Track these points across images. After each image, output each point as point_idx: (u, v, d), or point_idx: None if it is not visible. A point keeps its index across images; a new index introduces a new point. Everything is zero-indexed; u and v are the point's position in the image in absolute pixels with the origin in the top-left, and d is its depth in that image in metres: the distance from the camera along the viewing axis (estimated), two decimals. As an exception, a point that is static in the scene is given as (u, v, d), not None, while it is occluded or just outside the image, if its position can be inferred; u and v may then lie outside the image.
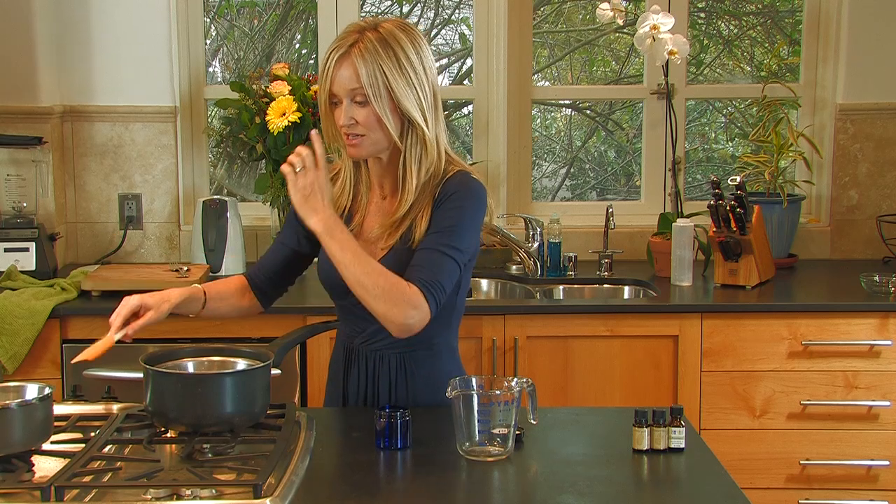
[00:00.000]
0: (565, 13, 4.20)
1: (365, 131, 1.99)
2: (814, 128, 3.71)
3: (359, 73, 1.95)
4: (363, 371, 2.12)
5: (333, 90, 2.00)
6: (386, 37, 1.98)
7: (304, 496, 1.64)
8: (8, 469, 1.67)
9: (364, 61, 1.95)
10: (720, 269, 3.20)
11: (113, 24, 3.49)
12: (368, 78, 1.95)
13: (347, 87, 1.97)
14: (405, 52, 1.98)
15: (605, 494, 1.69)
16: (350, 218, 2.11)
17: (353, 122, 1.99)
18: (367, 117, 1.98)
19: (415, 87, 1.99)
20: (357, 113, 1.98)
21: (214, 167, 3.91)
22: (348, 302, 2.05)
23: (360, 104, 1.98)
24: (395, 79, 1.97)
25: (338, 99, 2.00)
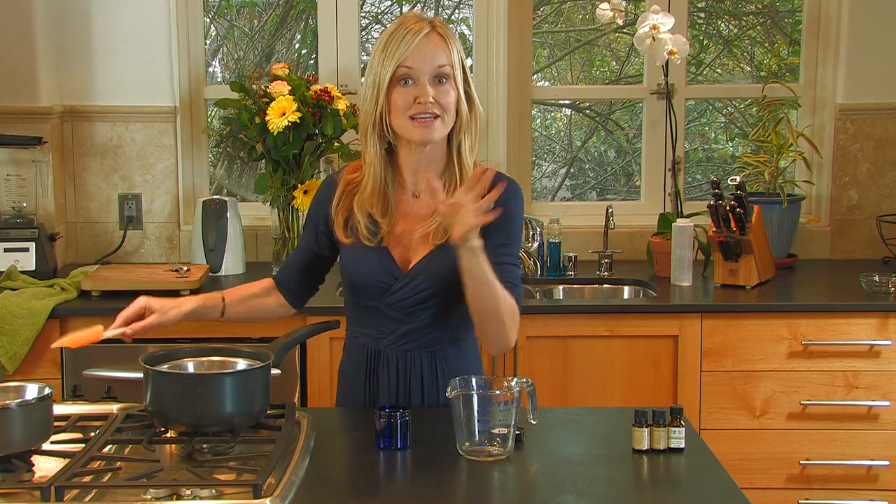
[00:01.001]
0: (565, 13, 4.20)
1: (441, 112, 2.00)
2: (814, 128, 3.71)
3: (449, 51, 2.00)
4: (393, 372, 2.11)
5: (412, 65, 1.98)
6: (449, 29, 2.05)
7: (304, 496, 1.64)
8: (8, 469, 1.67)
9: (452, 42, 2.01)
10: (720, 269, 3.20)
11: (113, 24, 3.50)
12: (455, 57, 2.01)
13: (435, 64, 1.99)
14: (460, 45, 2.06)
15: (605, 494, 1.69)
16: (376, 222, 2.08)
17: (433, 100, 1.98)
18: (446, 97, 2.00)
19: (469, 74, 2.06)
20: (439, 92, 1.99)
21: (214, 167, 3.91)
22: (381, 303, 2.07)
23: (442, 83, 2.00)
24: (466, 66, 2.04)
25: (413, 76, 1.99)
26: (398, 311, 2.07)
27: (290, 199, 3.34)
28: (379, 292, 2.06)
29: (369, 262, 2.07)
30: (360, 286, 2.10)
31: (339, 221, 2.11)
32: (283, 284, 2.22)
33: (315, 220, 2.18)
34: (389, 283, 2.06)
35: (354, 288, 2.12)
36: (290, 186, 3.33)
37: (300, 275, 2.22)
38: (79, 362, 2.95)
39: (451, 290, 2.02)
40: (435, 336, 2.10)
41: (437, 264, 2.03)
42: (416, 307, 2.06)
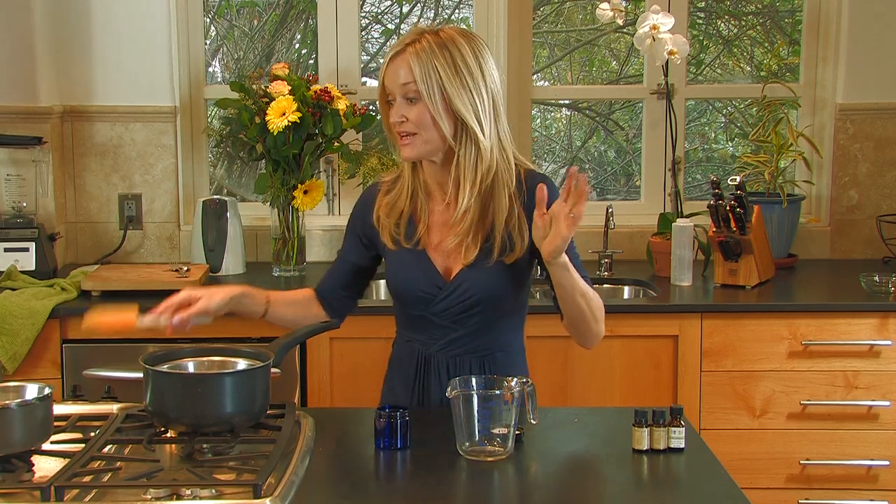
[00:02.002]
0: (565, 13, 4.20)
1: (416, 129, 2.00)
2: (814, 128, 3.71)
3: (412, 69, 1.98)
4: (445, 377, 2.12)
5: (386, 85, 2.02)
6: (445, 40, 2.00)
7: (304, 496, 1.64)
8: (8, 469, 1.67)
9: (419, 59, 1.98)
10: (720, 269, 3.20)
11: (113, 24, 3.49)
12: (422, 75, 1.97)
13: (400, 83, 1.99)
14: (462, 55, 2.00)
15: (605, 494, 1.69)
16: (412, 226, 2.11)
17: (404, 119, 2.00)
18: (419, 115, 1.99)
19: (469, 91, 2.00)
20: (409, 111, 2.00)
21: (214, 167, 3.91)
22: (427, 312, 2.09)
23: (413, 102, 2.00)
24: (448, 79, 1.98)
25: (392, 96, 2.02)
26: (445, 320, 2.09)
27: (290, 199, 3.34)
28: (424, 303, 2.09)
29: (413, 271, 2.10)
30: (405, 297, 2.12)
31: (383, 225, 2.13)
32: (325, 297, 2.22)
33: (357, 228, 2.20)
34: (434, 294, 2.09)
35: (400, 298, 2.14)
36: (290, 186, 3.33)
37: (341, 287, 2.23)
38: (79, 362, 2.95)
39: (495, 298, 2.07)
40: (483, 342, 2.12)
41: (478, 272, 2.05)
42: (463, 315, 2.08)
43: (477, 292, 2.06)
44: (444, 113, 1.99)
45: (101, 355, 2.94)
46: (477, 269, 2.06)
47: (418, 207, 2.12)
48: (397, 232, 2.11)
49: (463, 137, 2.02)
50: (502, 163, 2.07)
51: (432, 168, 2.09)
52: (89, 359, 2.95)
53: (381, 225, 2.13)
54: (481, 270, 2.06)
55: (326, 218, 3.69)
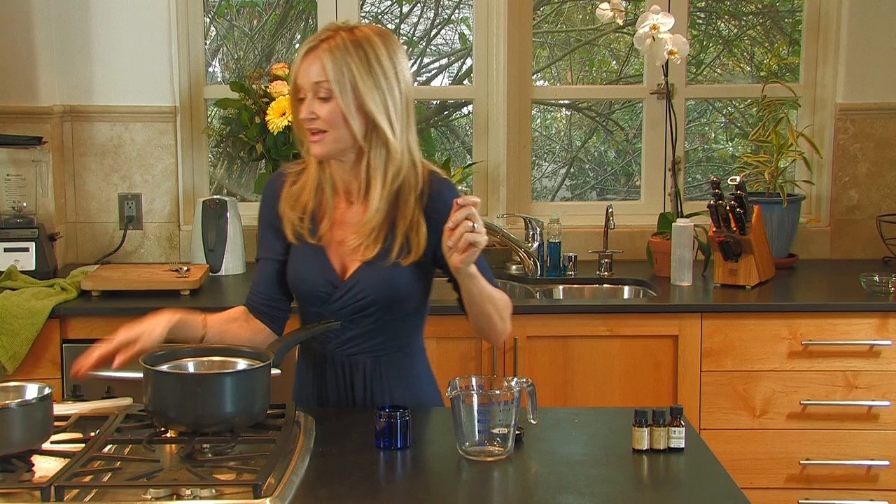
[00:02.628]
0: (565, 13, 4.20)
1: (327, 127, 1.98)
2: (814, 128, 3.71)
3: (325, 66, 1.95)
4: (339, 375, 2.13)
5: (298, 82, 1.99)
6: (360, 38, 1.98)
7: (304, 496, 1.64)
8: (8, 469, 1.67)
9: (332, 56, 1.95)
10: (720, 269, 3.20)
11: (113, 24, 3.49)
12: (335, 73, 1.95)
13: (312, 80, 1.97)
14: (377, 54, 1.98)
15: (605, 494, 1.69)
16: (315, 222, 2.09)
17: (315, 116, 1.98)
18: (330, 113, 1.97)
19: (383, 91, 1.98)
20: (320, 108, 1.97)
21: (214, 167, 3.91)
22: (324, 310, 2.07)
23: (324, 100, 1.97)
24: (362, 78, 1.96)
25: (303, 93, 2.00)
26: (340, 318, 2.07)
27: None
28: (320, 301, 2.07)
29: (310, 268, 2.08)
30: (302, 294, 2.11)
31: (287, 217, 2.09)
32: (257, 308, 2.14)
33: (269, 222, 2.13)
34: (329, 292, 2.07)
35: (298, 294, 2.13)
36: (290, 186, 3.33)
37: (273, 292, 2.14)
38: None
39: (391, 299, 2.05)
40: (378, 342, 2.10)
41: (374, 272, 2.03)
42: (358, 314, 2.06)
43: (372, 292, 2.04)
44: (356, 112, 1.97)
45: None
46: (373, 269, 2.04)
47: (323, 203, 2.09)
48: (300, 226, 2.08)
49: (373, 138, 2.00)
50: (411, 166, 2.05)
51: (340, 167, 2.06)
52: (89, 359, 2.94)
53: (284, 217, 2.10)
54: (378, 270, 2.03)
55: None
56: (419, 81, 4.10)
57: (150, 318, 1.96)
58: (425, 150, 4.06)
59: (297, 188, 2.11)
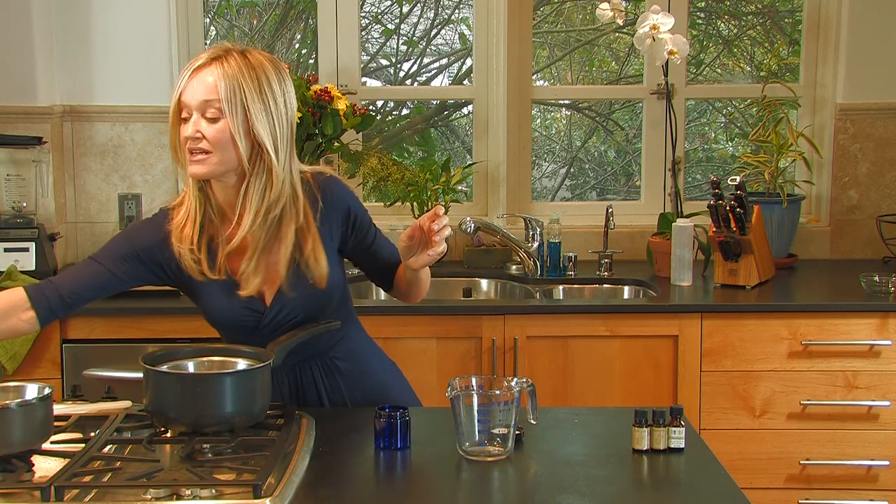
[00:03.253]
0: (565, 13, 4.20)
1: (211, 148, 1.92)
2: (814, 128, 3.71)
3: (217, 85, 1.91)
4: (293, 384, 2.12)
5: (184, 99, 1.93)
6: (252, 62, 1.95)
7: (304, 496, 1.64)
8: (8, 469, 1.67)
9: (225, 75, 1.92)
10: (720, 269, 3.20)
11: (113, 24, 3.49)
12: (227, 92, 1.91)
13: (201, 98, 1.92)
14: (268, 80, 1.95)
15: (605, 494, 1.69)
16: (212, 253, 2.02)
17: (200, 136, 1.92)
18: (217, 134, 1.91)
19: (272, 115, 1.95)
20: (206, 128, 1.92)
21: (214, 167, 3.90)
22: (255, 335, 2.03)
23: (211, 120, 1.92)
24: (253, 100, 1.92)
25: (187, 112, 1.94)
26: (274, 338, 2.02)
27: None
28: (248, 330, 2.04)
29: (228, 302, 2.02)
30: (228, 328, 2.08)
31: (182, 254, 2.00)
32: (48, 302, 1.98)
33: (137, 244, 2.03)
34: (256, 321, 2.04)
35: (223, 329, 2.10)
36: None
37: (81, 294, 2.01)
38: (79, 362, 2.95)
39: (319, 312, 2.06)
40: (318, 348, 2.11)
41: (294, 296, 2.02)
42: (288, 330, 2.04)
43: (299, 313, 2.04)
44: (244, 135, 1.92)
45: (101, 355, 2.95)
46: (291, 292, 2.01)
47: (213, 232, 2.02)
48: (196, 261, 2.00)
49: (257, 163, 1.95)
50: (291, 196, 2.00)
51: (223, 188, 2.00)
52: (89, 359, 2.95)
53: (181, 255, 2.01)
54: (296, 294, 2.02)
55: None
56: (419, 81, 4.10)
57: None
58: (425, 150, 4.06)
59: (178, 220, 2.02)
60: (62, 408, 1.96)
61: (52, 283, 2.01)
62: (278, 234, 2.00)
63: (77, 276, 2.02)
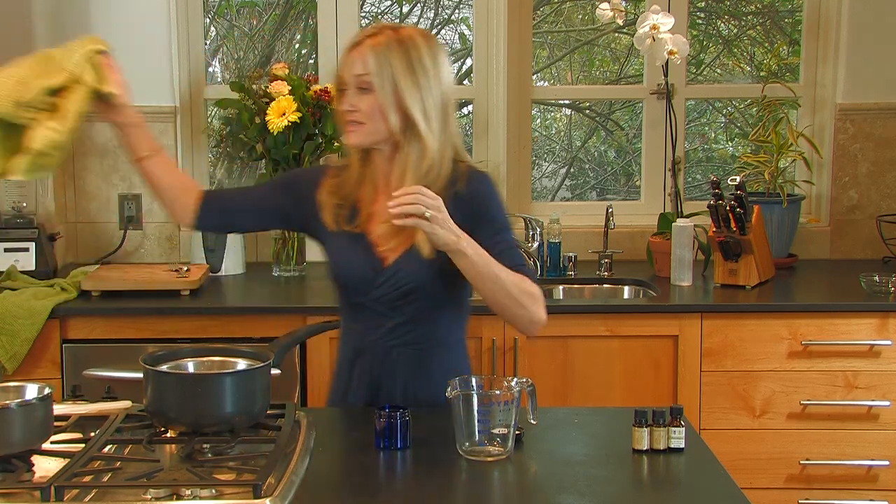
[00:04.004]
0: (565, 13, 4.20)
1: (364, 119, 2.04)
2: (814, 128, 3.71)
3: (367, 61, 2.02)
4: (376, 367, 2.14)
5: (340, 74, 2.08)
6: (403, 38, 2.05)
7: (304, 496, 1.64)
8: (8, 469, 1.67)
9: (375, 52, 2.03)
10: (720, 269, 3.20)
11: (113, 24, 3.49)
12: (376, 67, 2.02)
13: (353, 73, 2.04)
14: (419, 54, 2.04)
15: (605, 494, 1.69)
16: (355, 212, 2.14)
17: (354, 108, 2.05)
18: (368, 106, 2.03)
19: (421, 88, 2.04)
20: (359, 101, 2.04)
21: (214, 167, 3.91)
22: (366, 299, 2.10)
23: (364, 92, 2.04)
24: (402, 75, 2.02)
25: (344, 85, 2.07)
26: (383, 307, 2.10)
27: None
28: (363, 287, 2.10)
29: (352, 255, 2.12)
30: (345, 281, 2.14)
31: (325, 204, 2.14)
32: (206, 200, 2.18)
33: (291, 183, 2.22)
34: (372, 278, 2.10)
35: (340, 282, 2.16)
36: (290, 186, 3.33)
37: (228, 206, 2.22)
38: (79, 362, 2.95)
39: (431, 286, 2.07)
40: (420, 332, 2.12)
41: (413, 261, 2.06)
42: (399, 302, 2.09)
43: (412, 280, 2.07)
44: (394, 107, 2.03)
45: (101, 355, 2.95)
46: (412, 258, 2.07)
47: (363, 196, 2.15)
48: (339, 213, 2.13)
49: (409, 133, 2.05)
50: (444, 164, 2.07)
51: (381, 159, 2.12)
52: (89, 359, 2.95)
53: (323, 205, 2.15)
54: (416, 259, 2.06)
55: (326, 218, 3.68)
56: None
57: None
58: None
59: (339, 181, 2.17)
60: (62, 408, 1.96)
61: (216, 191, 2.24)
62: None
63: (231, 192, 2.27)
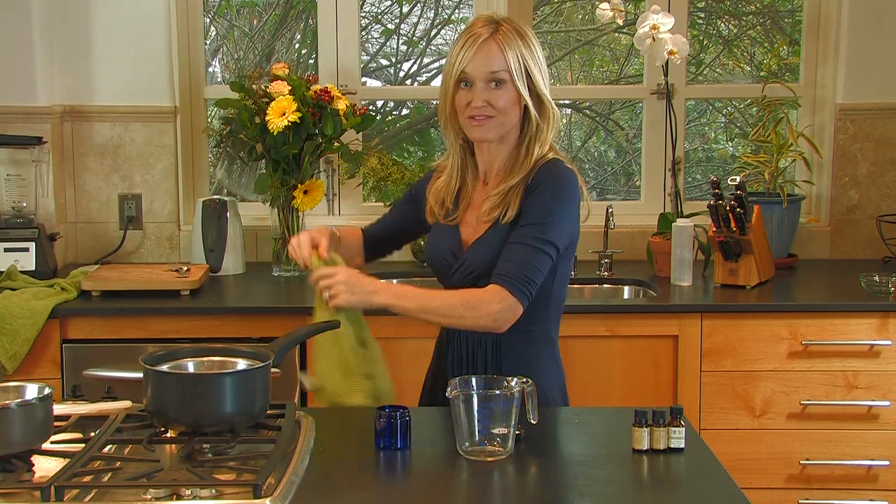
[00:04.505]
0: (565, 13, 4.20)
1: (495, 113, 2.12)
2: (814, 128, 3.71)
3: (506, 55, 2.11)
4: (463, 352, 2.21)
5: (468, 71, 2.12)
6: (518, 29, 2.16)
7: (304, 496, 1.64)
8: (8, 469, 1.67)
9: (510, 46, 2.12)
10: (720, 269, 3.20)
11: (113, 24, 3.49)
12: (515, 60, 2.11)
13: (488, 70, 2.11)
14: (535, 43, 2.17)
15: (605, 494, 1.69)
16: (456, 206, 2.24)
17: (487, 104, 2.11)
18: (505, 100, 2.12)
19: (543, 74, 2.17)
20: (492, 95, 2.12)
21: (214, 167, 3.91)
22: (450, 283, 2.19)
23: (498, 86, 2.12)
24: (534, 63, 2.14)
25: (470, 80, 2.13)
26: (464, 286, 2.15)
27: (290, 199, 3.34)
28: (444, 271, 2.21)
29: (439, 241, 2.25)
30: (433, 265, 2.27)
31: (429, 203, 2.28)
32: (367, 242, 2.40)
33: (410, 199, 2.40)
34: (451, 263, 2.20)
35: (431, 266, 2.28)
36: (289, 186, 3.33)
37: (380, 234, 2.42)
38: (79, 362, 2.95)
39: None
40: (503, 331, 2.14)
41: (485, 244, 2.14)
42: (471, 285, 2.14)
43: (478, 265, 2.14)
44: (530, 96, 2.14)
45: (101, 355, 2.94)
46: (484, 242, 2.15)
47: (464, 188, 2.25)
48: (440, 213, 2.25)
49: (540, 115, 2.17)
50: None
51: (490, 149, 2.20)
52: (89, 359, 2.95)
53: (427, 205, 2.29)
54: (486, 243, 2.14)
55: (326, 218, 3.68)
56: (419, 81, 4.10)
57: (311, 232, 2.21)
58: (425, 150, 4.06)
59: (441, 182, 2.27)
60: (62, 408, 1.96)
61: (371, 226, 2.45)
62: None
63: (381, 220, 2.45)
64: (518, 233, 2.10)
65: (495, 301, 2.06)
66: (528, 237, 2.08)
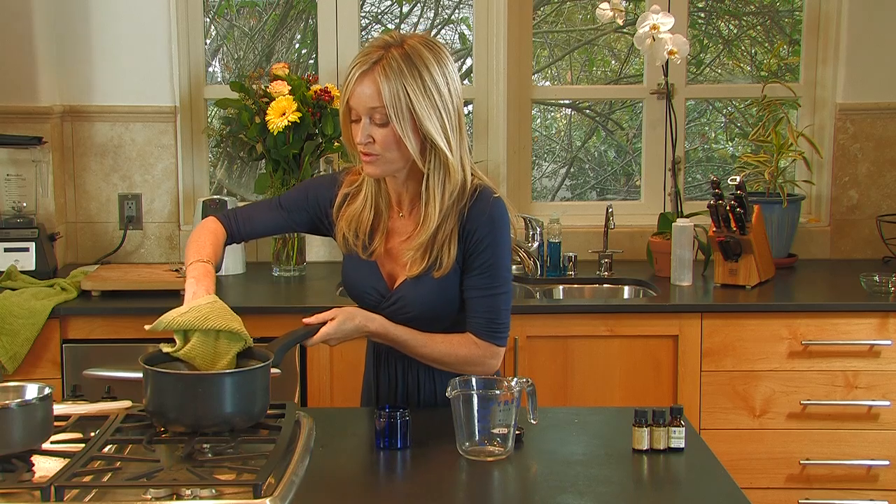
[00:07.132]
0: (565, 13, 4.20)
1: (381, 151, 1.96)
2: (814, 128, 3.71)
3: (381, 91, 1.92)
4: (393, 374, 2.17)
5: (352, 105, 1.97)
6: (411, 54, 1.93)
7: (304, 496, 1.64)
8: (8, 469, 1.67)
9: (387, 80, 1.91)
10: (720, 268, 3.20)
11: (113, 24, 3.49)
12: (391, 97, 1.91)
13: (367, 105, 1.94)
14: (430, 71, 1.94)
15: (605, 494, 1.69)
16: (372, 236, 2.11)
17: (371, 140, 1.96)
18: (385, 137, 1.95)
19: (438, 109, 1.95)
20: (375, 132, 1.95)
21: (214, 167, 3.91)
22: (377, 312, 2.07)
23: (379, 124, 1.95)
24: (418, 100, 1.92)
25: (356, 115, 1.97)
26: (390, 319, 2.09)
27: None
28: (371, 306, 2.11)
29: (361, 275, 2.13)
30: (355, 298, 2.17)
31: (340, 228, 2.13)
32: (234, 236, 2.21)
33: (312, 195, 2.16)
34: (378, 301, 2.11)
35: (352, 298, 2.18)
36: (289, 186, 3.33)
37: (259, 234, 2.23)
38: (79, 362, 2.95)
39: (433, 312, 2.07)
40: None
41: (418, 287, 2.05)
42: (404, 324, 2.08)
43: (414, 308, 2.06)
44: (413, 135, 1.95)
45: (101, 355, 2.94)
46: (417, 284, 2.05)
47: (378, 217, 2.11)
48: (355, 243, 2.10)
49: (432, 158, 1.99)
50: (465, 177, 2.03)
51: (394, 182, 2.07)
52: (89, 359, 2.95)
53: (338, 228, 2.13)
54: (420, 287, 2.05)
55: (326, 218, 3.68)
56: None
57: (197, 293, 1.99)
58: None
59: (355, 207, 2.11)
60: (62, 408, 1.96)
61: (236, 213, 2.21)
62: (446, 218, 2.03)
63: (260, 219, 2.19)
64: (474, 283, 2.04)
65: (489, 357, 2.06)
66: (489, 288, 2.04)
